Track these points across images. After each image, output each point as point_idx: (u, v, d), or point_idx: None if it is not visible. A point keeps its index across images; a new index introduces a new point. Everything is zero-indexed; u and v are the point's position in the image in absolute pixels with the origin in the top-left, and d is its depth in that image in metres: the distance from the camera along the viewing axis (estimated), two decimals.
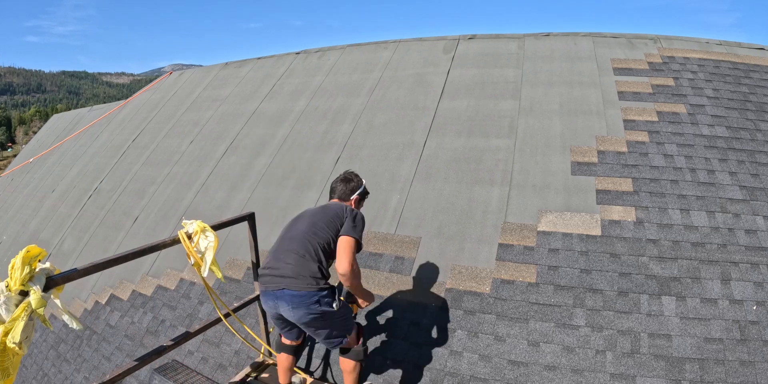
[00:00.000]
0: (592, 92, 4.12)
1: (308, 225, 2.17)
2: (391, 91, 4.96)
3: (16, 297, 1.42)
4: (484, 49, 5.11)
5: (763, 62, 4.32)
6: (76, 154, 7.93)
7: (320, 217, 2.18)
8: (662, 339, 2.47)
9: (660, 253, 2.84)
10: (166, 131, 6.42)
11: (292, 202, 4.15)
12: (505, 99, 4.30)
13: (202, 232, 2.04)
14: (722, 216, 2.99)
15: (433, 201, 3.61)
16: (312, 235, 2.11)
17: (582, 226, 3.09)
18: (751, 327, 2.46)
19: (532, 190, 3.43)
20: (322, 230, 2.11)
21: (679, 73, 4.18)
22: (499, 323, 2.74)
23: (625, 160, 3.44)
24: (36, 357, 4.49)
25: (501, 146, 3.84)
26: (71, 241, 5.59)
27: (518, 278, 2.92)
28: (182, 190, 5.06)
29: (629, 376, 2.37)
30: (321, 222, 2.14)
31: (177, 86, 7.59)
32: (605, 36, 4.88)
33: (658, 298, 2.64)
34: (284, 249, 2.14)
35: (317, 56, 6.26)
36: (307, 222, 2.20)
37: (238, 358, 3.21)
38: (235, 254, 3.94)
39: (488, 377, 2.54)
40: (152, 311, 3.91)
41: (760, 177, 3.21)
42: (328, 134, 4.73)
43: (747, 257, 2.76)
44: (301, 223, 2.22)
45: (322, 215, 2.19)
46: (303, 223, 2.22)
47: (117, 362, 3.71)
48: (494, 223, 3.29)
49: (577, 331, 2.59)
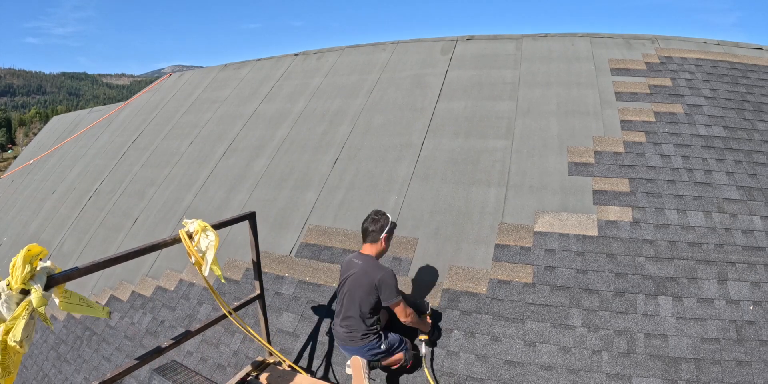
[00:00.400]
0: (589, 93, 4.13)
1: (350, 300, 2.56)
2: (389, 93, 4.98)
3: (17, 295, 1.44)
4: (481, 50, 5.13)
5: (760, 62, 4.33)
6: (76, 156, 7.95)
7: (360, 294, 2.51)
8: (658, 339, 2.49)
9: (656, 253, 2.86)
10: (165, 133, 6.44)
11: (291, 202, 4.17)
12: (503, 100, 4.32)
13: (202, 231, 2.06)
14: (719, 216, 3.01)
15: (431, 202, 3.62)
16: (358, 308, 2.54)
17: (578, 226, 3.10)
18: (747, 327, 2.47)
19: (529, 190, 3.44)
20: (363, 304, 2.52)
21: (676, 73, 4.20)
22: (496, 323, 2.75)
23: (622, 160, 3.45)
24: (36, 358, 4.50)
25: (498, 147, 3.85)
26: (71, 242, 5.61)
27: (515, 279, 2.93)
28: (182, 191, 5.08)
29: (625, 376, 2.38)
30: (359, 297, 2.51)
31: (177, 88, 7.61)
32: (603, 36, 4.90)
33: (655, 298, 2.65)
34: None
35: (316, 58, 6.28)
36: (349, 297, 2.56)
37: (237, 358, 3.22)
38: (234, 255, 3.96)
39: (485, 377, 2.55)
40: (152, 312, 3.93)
41: (757, 177, 3.22)
42: (327, 135, 4.74)
43: (744, 257, 2.77)
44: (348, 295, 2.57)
45: (360, 292, 2.50)
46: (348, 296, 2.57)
47: (117, 363, 3.72)
48: (491, 224, 3.30)
49: (573, 331, 2.60)
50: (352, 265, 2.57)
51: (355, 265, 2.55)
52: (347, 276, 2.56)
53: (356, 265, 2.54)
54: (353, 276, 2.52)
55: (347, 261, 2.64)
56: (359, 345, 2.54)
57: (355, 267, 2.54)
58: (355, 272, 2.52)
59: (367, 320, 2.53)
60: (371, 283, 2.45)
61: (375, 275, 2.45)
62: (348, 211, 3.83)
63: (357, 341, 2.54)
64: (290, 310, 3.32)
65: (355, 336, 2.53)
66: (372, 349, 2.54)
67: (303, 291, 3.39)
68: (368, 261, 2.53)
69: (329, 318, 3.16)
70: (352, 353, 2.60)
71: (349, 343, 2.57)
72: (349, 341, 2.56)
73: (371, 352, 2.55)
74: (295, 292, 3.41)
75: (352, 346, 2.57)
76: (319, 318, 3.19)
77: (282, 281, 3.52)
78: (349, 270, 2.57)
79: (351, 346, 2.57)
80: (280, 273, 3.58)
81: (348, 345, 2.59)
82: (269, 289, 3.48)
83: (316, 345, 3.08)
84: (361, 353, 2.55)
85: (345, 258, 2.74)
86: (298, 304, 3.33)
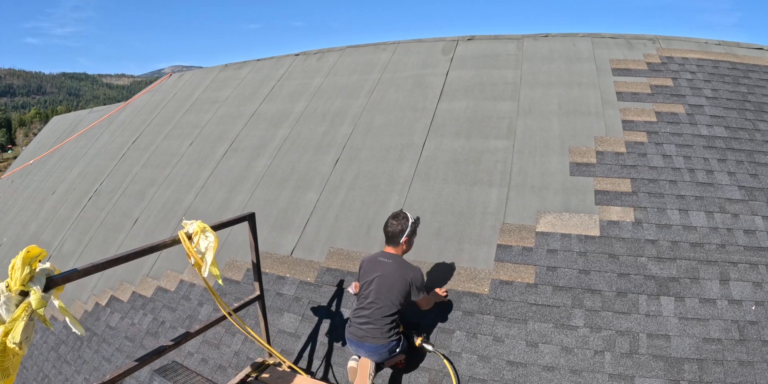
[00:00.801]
0: (590, 93, 4.13)
1: (380, 297, 2.59)
2: (390, 93, 4.97)
3: (16, 297, 1.43)
4: (482, 50, 5.12)
5: (761, 62, 4.33)
6: (76, 156, 7.94)
7: (394, 291, 2.56)
8: (661, 339, 2.48)
9: (658, 253, 2.85)
10: (165, 133, 6.43)
11: (292, 203, 4.16)
12: (504, 100, 4.31)
13: (202, 232, 2.05)
14: (721, 216, 3.00)
15: (432, 202, 3.61)
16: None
17: (580, 226, 3.09)
18: (749, 327, 2.46)
19: (530, 190, 3.43)
20: (395, 301, 2.57)
21: (677, 73, 4.19)
22: (498, 324, 2.74)
23: (624, 160, 3.44)
24: (36, 358, 4.49)
25: (500, 147, 3.85)
26: (71, 243, 5.60)
27: (517, 279, 2.92)
28: (182, 191, 5.07)
29: (628, 377, 2.37)
30: (393, 294, 2.56)
31: (177, 88, 7.61)
32: (604, 36, 4.90)
33: (657, 298, 2.64)
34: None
35: (316, 58, 6.27)
36: (377, 294, 2.59)
37: (237, 359, 3.21)
38: (235, 255, 3.95)
39: (487, 378, 2.54)
40: (152, 313, 3.92)
41: (759, 177, 3.21)
42: (328, 135, 4.74)
43: (746, 257, 2.76)
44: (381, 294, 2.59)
45: (394, 289, 2.56)
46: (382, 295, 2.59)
47: (117, 363, 3.71)
48: (493, 224, 3.30)
49: (575, 332, 2.60)
50: (378, 263, 2.61)
51: (384, 263, 2.60)
52: (376, 274, 2.58)
53: (385, 264, 2.59)
54: (384, 274, 2.56)
55: (371, 260, 2.67)
56: (380, 343, 2.51)
57: (383, 265, 2.59)
58: (386, 270, 2.57)
59: (394, 318, 2.55)
60: (405, 280, 2.53)
61: (408, 274, 2.54)
62: (349, 212, 3.82)
63: (378, 339, 2.51)
64: (291, 310, 3.31)
65: (377, 333, 2.52)
66: (390, 351, 2.55)
67: (304, 292, 3.38)
68: (397, 260, 2.61)
69: (330, 319, 3.15)
70: (366, 351, 2.57)
71: (370, 340, 2.53)
72: (371, 338, 2.53)
73: (388, 352, 2.54)
74: (297, 292, 3.40)
75: (371, 344, 2.53)
76: (320, 319, 3.18)
77: (283, 282, 3.51)
78: (375, 268, 2.60)
79: (371, 343, 2.53)
80: (281, 273, 3.57)
81: (366, 342, 2.54)
82: (270, 290, 3.47)
83: (317, 346, 3.07)
84: (377, 352, 2.53)
85: (366, 257, 2.74)
86: (299, 304, 3.32)
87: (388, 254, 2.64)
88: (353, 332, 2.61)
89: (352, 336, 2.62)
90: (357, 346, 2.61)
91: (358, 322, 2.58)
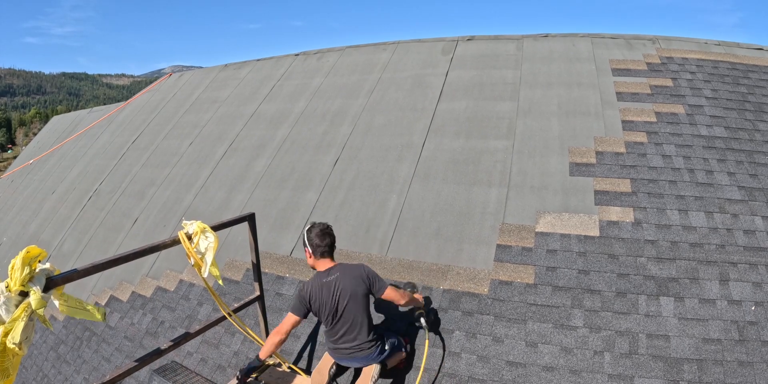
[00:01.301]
0: (590, 93, 4.13)
1: (351, 311, 2.47)
2: (389, 93, 4.97)
3: (16, 297, 1.43)
4: (482, 50, 5.12)
5: (761, 62, 4.33)
6: (76, 156, 7.94)
7: (358, 299, 2.45)
8: (660, 339, 2.48)
9: (658, 253, 2.85)
10: (165, 133, 6.43)
11: (291, 203, 4.16)
12: (504, 100, 4.31)
13: (202, 232, 2.05)
14: (721, 216, 3.00)
15: (432, 202, 3.61)
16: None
17: (580, 226, 3.09)
18: (749, 327, 2.46)
19: (530, 191, 3.43)
20: (365, 307, 2.50)
21: (677, 73, 4.19)
22: (498, 324, 2.74)
23: (624, 160, 3.45)
24: (36, 358, 4.49)
25: (499, 147, 3.85)
26: (71, 243, 5.60)
27: (516, 279, 2.93)
28: (182, 191, 5.07)
29: (627, 377, 2.37)
30: (360, 302, 2.46)
31: (177, 88, 7.61)
32: (604, 37, 4.90)
33: (657, 298, 2.64)
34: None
35: (316, 58, 6.27)
36: (347, 310, 2.46)
37: (237, 359, 3.21)
38: (235, 255, 3.95)
39: (486, 378, 2.54)
40: (152, 312, 3.92)
41: (759, 177, 3.22)
42: (327, 135, 4.74)
43: (745, 258, 2.76)
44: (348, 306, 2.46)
45: (357, 296, 2.44)
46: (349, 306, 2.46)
47: (117, 363, 3.71)
48: (492, 224, 3.30)
49: (575, 332, 2.60)
50: (327, 285, 2.41)
51: (331, 281, 2.41)
52: (335, 295, 2.40)
53: (333, 280, 2.41)
54: (340, 289, 2.40)
55: (317, 287, 2.42)
56: (368, 354, 2.50)
57: (333, 283, 2.40)
58: (339, 286, 2.40)
59: (371, 326, 2.51)
60: (360, 279, 2.41)
61: (356, 271, 2.43)
62: (349, 212, 3.82)
63: (364, 351, 2.48)
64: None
65: (364, 346, 2.48)
66: (381, 353, 2.53)
67: None
68: (338, 268, 2.46)
69: None
70: (359, 363, 2.55)
71: (357, 354, 2.50)
72: (357, 352, 2.49)
73: (380, 355, 2.53)
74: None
75: (361, 356, 2.51)
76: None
77: (283, 282, 3.51)
78: (329, 290, 2.40)
79: (360, 356, 2.51)
80: (280, 273, 3.57)
81: (356, 356, 2.51)
82: (270, 290, 3.47)
83: (317, 346, 3.08)
84: (369, 358, 2.52)
85: (308, 287, 2.44)
86: None
87: (328, 269, 2.45)
88: (337, 353, 2.53)
89: (339, 355, 2.54)
90: (350, 362, 2.56)
91: (339, 343, 2.49)
